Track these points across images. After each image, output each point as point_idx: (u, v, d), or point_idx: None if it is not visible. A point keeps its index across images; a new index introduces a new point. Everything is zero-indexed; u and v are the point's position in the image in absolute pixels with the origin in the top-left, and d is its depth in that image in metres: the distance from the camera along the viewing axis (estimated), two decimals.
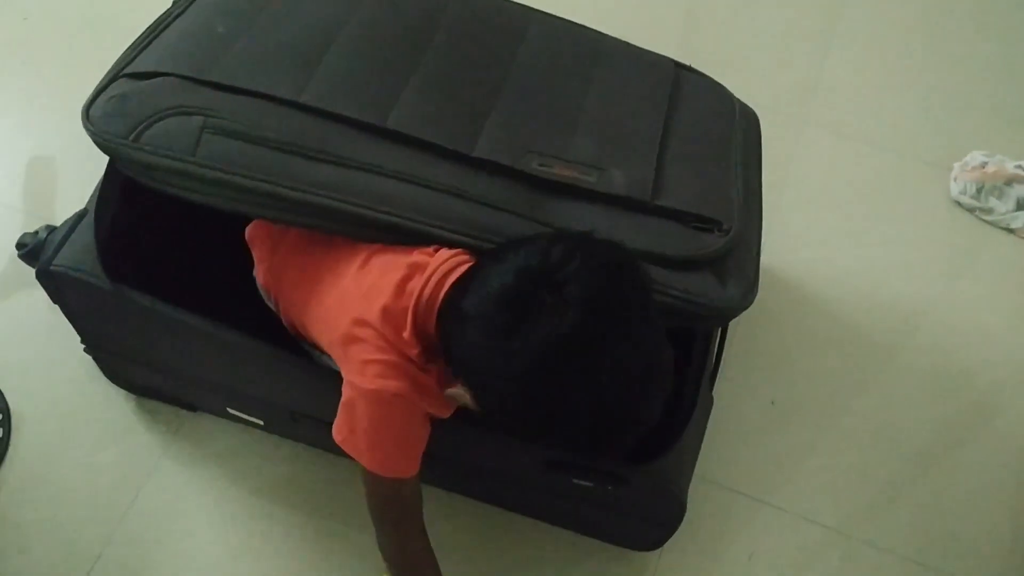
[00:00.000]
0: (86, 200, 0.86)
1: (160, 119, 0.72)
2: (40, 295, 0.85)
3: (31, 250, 0.81)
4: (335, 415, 0.70)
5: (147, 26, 0.80)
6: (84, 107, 0.74)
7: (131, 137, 0.71)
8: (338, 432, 0.71)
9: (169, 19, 0.80)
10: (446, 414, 0.72)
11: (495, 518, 0.96)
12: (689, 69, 0.89)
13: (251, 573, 0.93)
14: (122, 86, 0.74)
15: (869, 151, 1.25)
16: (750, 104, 0.91)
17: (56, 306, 0.87)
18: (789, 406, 1.06)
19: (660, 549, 0.94)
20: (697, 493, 0.88)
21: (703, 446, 0.90)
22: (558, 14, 0.90)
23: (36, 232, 0.82)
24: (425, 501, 0.75)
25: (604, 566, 0.95)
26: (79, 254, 0.80)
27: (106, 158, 0.77)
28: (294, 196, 0.70)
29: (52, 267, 0.79)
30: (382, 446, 0.71)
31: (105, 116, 0.72)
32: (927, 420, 1.07)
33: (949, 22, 1.38)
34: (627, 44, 0.89)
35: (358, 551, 0.93)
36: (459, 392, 0.67)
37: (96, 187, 0.86)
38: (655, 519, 0.88)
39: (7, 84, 1.23)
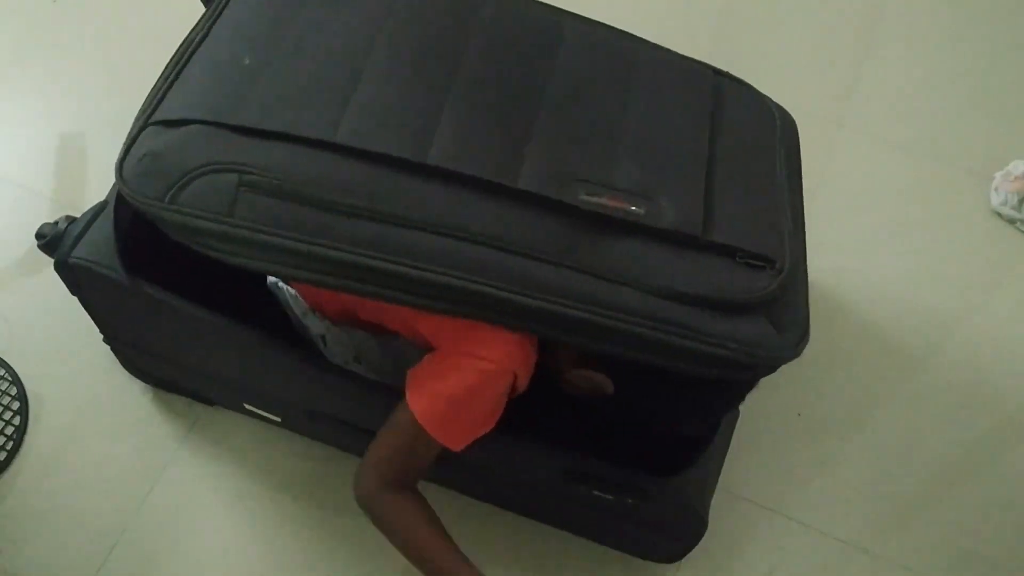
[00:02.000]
0: (108, 188, 0.85)
1: (194, 178, 0.68)
2: (61, 283, 0.84)
3: (50, 241, 0.80)
4: (352, 415, 0.69)
5: (173, 52, 0.77)
6: (117, 163, 0.70)
7: (167, 199, 0.68)
8: (414, 376, 0.72)
9: (192, 46, 0.76)
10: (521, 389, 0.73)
11: (512, 523, 0.95)
12: (728, 76, 0.86)
13: (264, 566, 0.93)
14: (152, 138, 0.70)
15: (907, 158, 1.22)
16: (786, 107, 0.88)
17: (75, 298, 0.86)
18: (815, 418, 1.04)
19: (679, 561, 0.92)
20: (719, 505, 0.86)
21: (726, 457, 0.88)
22: (594, 15, 0.87)
23: (56, 223, 0.81)
24: (443, 505, 0.74)
25: None
26: (98, 247, 0.79)
27: None
28: (334, 256, 0.67)
29: (70, 259, 0.78)
30: (459, 411, 0.71)
31: (139, 177, 0.69)
32: (956, 436, 1.04)
33: (993, 28, 1.34)
34: (664, 50, 0.85)
35: (369, 548, 0.92)
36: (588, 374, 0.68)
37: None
38: (675, 533, 0.86)
39: (36, 67, 1.23)
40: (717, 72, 0.86)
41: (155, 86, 0.74)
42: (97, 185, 1.13)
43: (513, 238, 0.68)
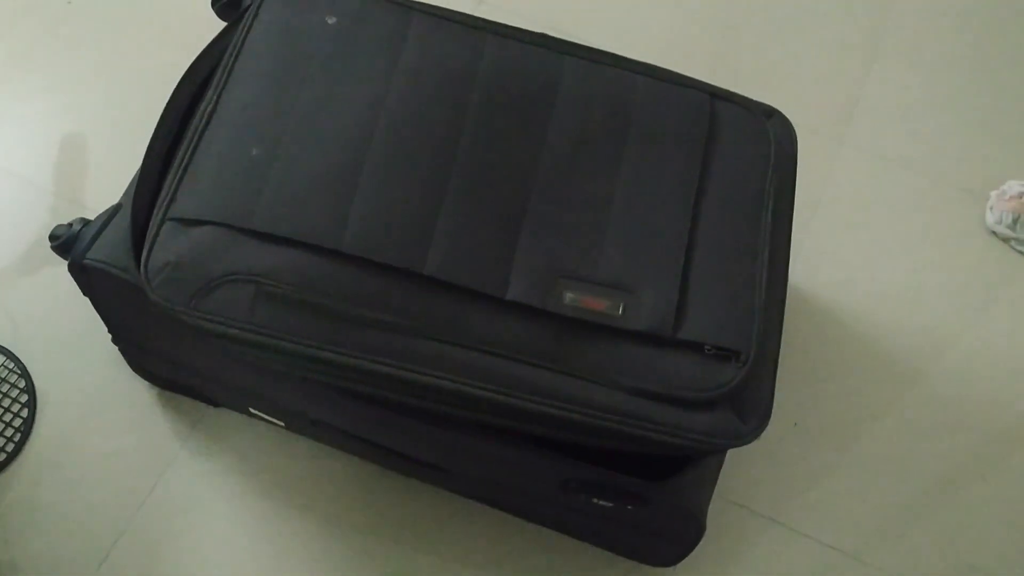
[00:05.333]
0: (120, 186, 0.87)
1: (215, 287, 0.74)
2: (63, 280, 0.85)
3: (64, 242, 0.81)
4: (355, 427, 0.71)
5: (188, 132, 0.81)
6: (143, 262, 0.76)
7: (191, 305, 0.74)
8: None
9: (204, 121, 0.81)
10: None
11: (508, 525, 0.97)
12: (725, 97, 0.88)
13: (267, 565, 0.94)
14: (172, 239, 0.76)
15: (906, 174, 1.24)
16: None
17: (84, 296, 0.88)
18: (812, 429, 1.06)
19: (675, 566, 0.93)
20: (716, 512, 0.88)
21: (724, 465, 0.89)
22: (594, 30, 0.88)
23: (70, 224, 0.83)
24: (436, 505, 0.75)
25: None
26: (113, 249, 0.80)
27: (142, 149, 0.81)
28: (338, 360, 0.74)
29: (85, 261, 0.80)
30: None
31: (163, 284, 0.75)
32: (951, 449, 1.06)
33: (994, 48, 1.36)
34: (659, 82, 0.88)
35: (368, 551, 0.94)
36: None
37: (132, 181, 0.86)
38: (673, 537, 0.87)
39: (49, 66, 1.24)
40: (715, 95, 0.88)
41: (171, 173, 0.80)
42: (101, 183, 1.14)
43: (503, 343, 0.75)
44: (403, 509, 0.97)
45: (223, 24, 0.91)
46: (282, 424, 0.96)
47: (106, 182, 1.13)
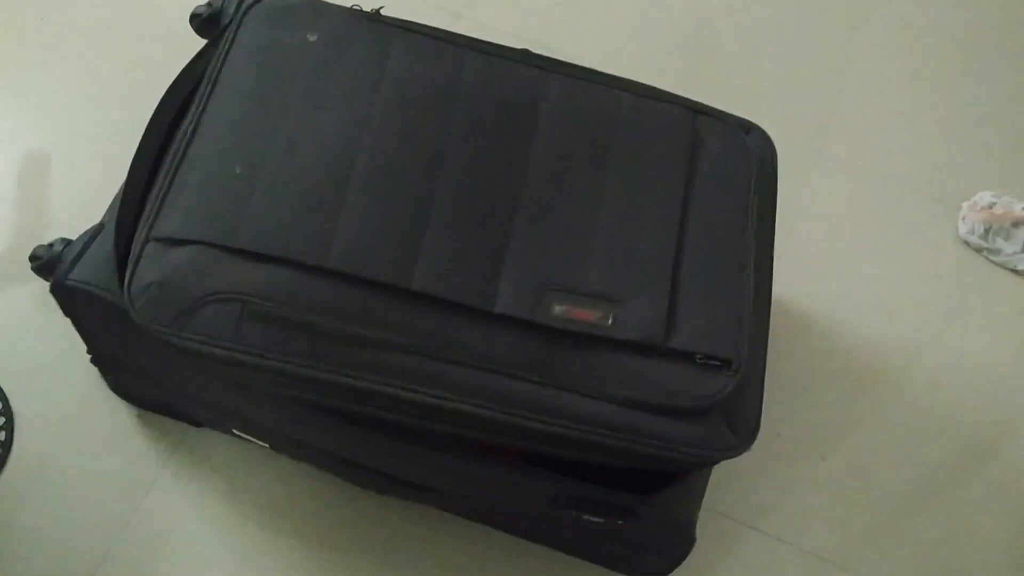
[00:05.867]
0: (92, 202, 0.86)
1: (200, 307, 0.73)
2: (39, 292, 0.84)
3: (46, 263, 0.80)
4: (340, 448, 0.70)
5: (171, 153, 0.80)
6: (126, 282, 0.75)
7: (175, 326, 0.73)
8: None
9: (186, 140, 0.80)
10: None
11: (496, 541, 0.96)
12: (706, 112, 0.89)
13: None
14: (156, 259, 0.75)
15: (881, 186, 1.26)
16: None
17: (59, 313, 0.86)
18: (794, 438, 1.07)
19: None
20: (703, 523, 0.88)
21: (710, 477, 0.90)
22: (570, 46, 0.88)
23: (51, 245, 0.82)
24: (424, 525, 0.74)
25: None
26: (96, 269, 0.79)
27: (120, 169, 0.81)
28: (327, 378, 0.73)
29: (68, 281, 0.79)
30: None
31: (147, 305, 0.74)
32: (930, 456, 1.08)
33: (965, 61, 1.39)
34: (642, 98, 0.89)
35: (355, 572, 0.94)
36: None
37: (113, 200, 0.85)
38: (662, 550, 0.88)
39: (21, 83, 1.23)
40: (696, 110, 0.89)
41: (154, 192, 0.78)
42: (73, 200, 1.13)
43: (493, 357, 0.74)
44: (390, 529, 0.97)
45: (198, 41, 0.90)
46: (267, 445, 0.95)
47: (78, 199, 1.12)
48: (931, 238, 1.22)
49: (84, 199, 0.91)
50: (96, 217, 0.86)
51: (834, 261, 1.20)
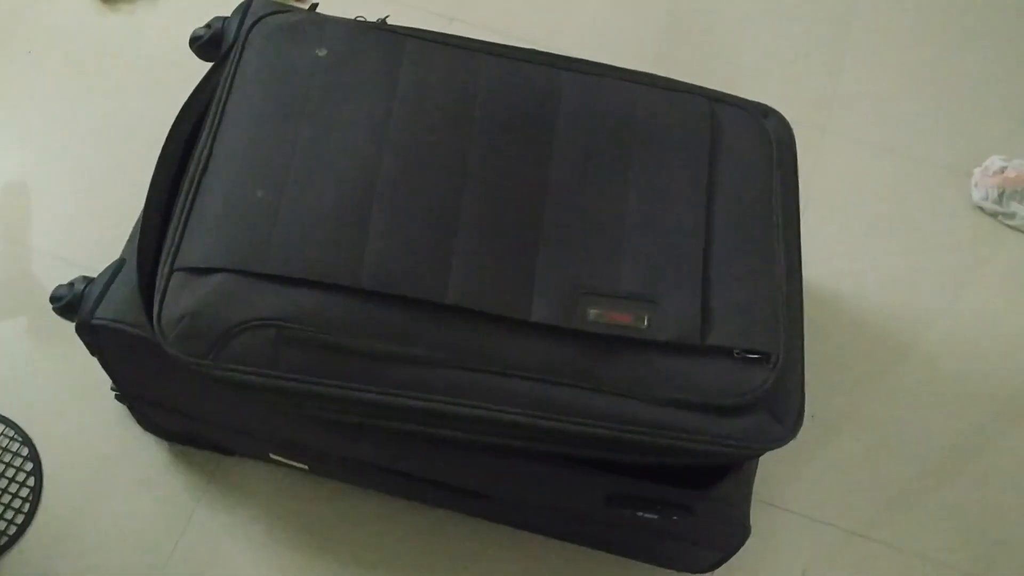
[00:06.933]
0: (104, 237, 0.84)
1: (234, 336, 0.72)
2: (51, 337, 0.82)
3: (69, 303, 0.79)
4: (389, 460, 0.72)
5: (188, 174, 0.79)
6: (156, 317, 0.73)
7: (210, 357, 0.72)
8: None
9: (201, 167, 0.78)
10: None
11: (540, 546, 0.96)
12: (723, 100, 0.88)
13: None
14: (183, 290, 0.74)
15: (890, 158, 1.25)
16: None
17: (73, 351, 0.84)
18: (829, 420, 1.06)
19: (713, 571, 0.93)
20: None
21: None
22: (572, 36, 0.87)
23: (72, 284, 0.80)
24: (468, 535, 0.73)
25: None
26: (121, 305, 0.77)
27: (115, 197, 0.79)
28: (369, 398, 0.73)
29: (94, 320, 0.77)
30: None
31: (180, 337, 0.73)
32: (966, 423, 1.08)
33: (965, 25, 1.38)
34: (658, 90, 0.88)
35: None
36: None
37: (131, 235, 0.84)
38: (715, 544, 0.87)
39: (10, 116, 1.20)
40: (713, 99, 0.88)
41: (173, 223, 0.77)
42: (83, 236, 1.10)
43: (532, 366, 0.74)
44: (435, 542, 0.96)
45: (192, 66, 0.88)
46: (305, 467, 0.93)
47: (87, 234, 1.10)
48: (945, 207, 1.22)
49: (94, 234, 0.89)
50: (105, 249, 0.84)
51: (849, 238, 1.19)
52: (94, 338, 0.80)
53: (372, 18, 0.89)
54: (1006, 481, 1.05)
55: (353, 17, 0.89)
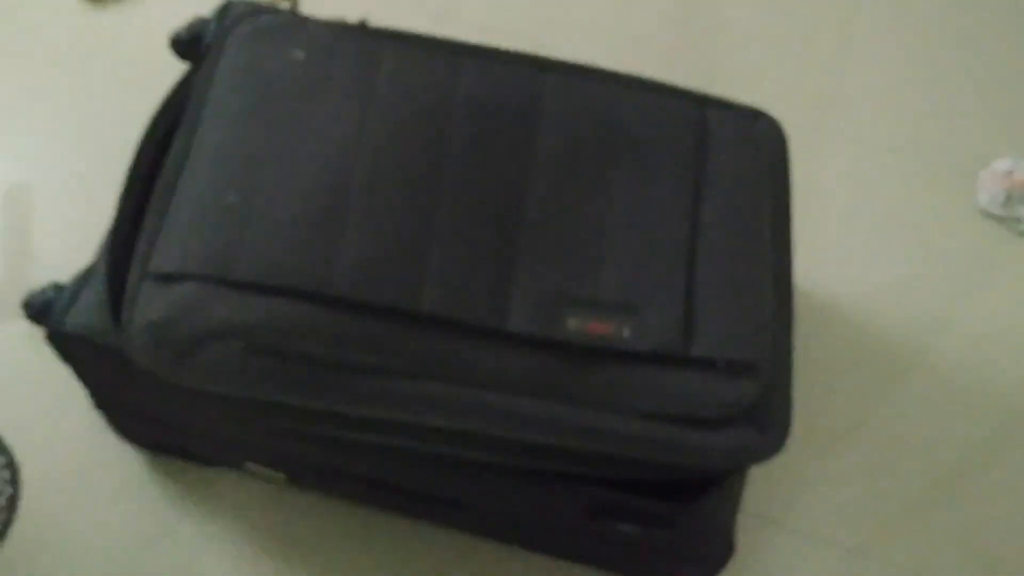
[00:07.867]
0: (78, 240, 0.83)
1: (202, 345, 0.70)
2: (26, 344, 0.80)
3: (40, 311, 0.77)
4: (367, 469, 0.72)
5: (160, 180, 0.77)
6: (125, 321, 0.72)
7: (177, 366, 0.71)
8: None
9: (173, 171, 0.77)
10: None
11: (521, 561, 0.93)
12: (713, 103, 0.86)
13: None
14: (152, 298, 0.72)
15: (893, 160, 1.23)
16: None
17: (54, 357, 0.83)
18: (822, 430, 1.03)
19: None
20: (737, 526, 0.85)
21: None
22: (567, 36, 0.86)
23: (43, 291, 0.79)
24: (449, 548, 0.72)
25: None
26: (91, 313, 0.76)
27: (102, 202, 0.79)
28: (339, 410, 0.71)
29: (63, 328, 0.76)
30: None
31: (147, 345, 0.71)
32: (961, 436, 1.05)
33: (969, 24, 1.36)
34: (645, 93, 0.85)
35: None
36: None
37: (102, 243, 0.82)
38: (700, 559, 0.85)
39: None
40: (701, 102, 0.86)
41: (144, 228, 0.75)
42: (59, 238, 1.09)
43: (509, 377, 0.71)
44: (415, 554, 0.94)
45: (176, 66, 0.87)
46: (283, 476, 0.92)
47: (62, 235, 1.08)
48: (950, 211, 1.19)
49: (69, 235, 0.87)
50: (87, 255, 0.82)
51: (850, 242, 1.16)
52: (63, 346, 0.79)
53: (369, 16, 0.87)
54: (1012, 499, 1.02)
55: (334, 18, 0.87)
